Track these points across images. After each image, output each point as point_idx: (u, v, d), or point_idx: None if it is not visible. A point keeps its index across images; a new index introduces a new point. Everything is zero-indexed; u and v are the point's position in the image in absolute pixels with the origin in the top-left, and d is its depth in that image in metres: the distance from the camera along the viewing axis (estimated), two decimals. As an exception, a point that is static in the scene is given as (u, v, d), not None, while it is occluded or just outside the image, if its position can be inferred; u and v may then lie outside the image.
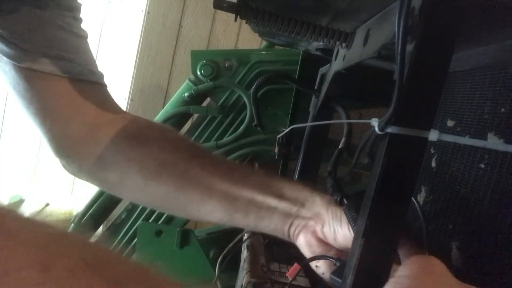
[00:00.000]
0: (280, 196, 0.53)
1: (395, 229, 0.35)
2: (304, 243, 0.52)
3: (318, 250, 0.51)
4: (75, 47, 0.58)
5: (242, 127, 1.36)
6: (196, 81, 1.37)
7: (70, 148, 0.59)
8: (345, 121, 0.61)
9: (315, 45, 0.74)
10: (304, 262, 0.49)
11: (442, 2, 0.33)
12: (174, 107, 1.40)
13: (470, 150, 0.54)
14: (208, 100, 1.43)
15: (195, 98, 1.38)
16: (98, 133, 0.57)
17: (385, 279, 0.35)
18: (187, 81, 1.39)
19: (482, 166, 0.51)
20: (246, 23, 0.56)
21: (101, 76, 0.61)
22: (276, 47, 1.40)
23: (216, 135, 1.39)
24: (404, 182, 0.35)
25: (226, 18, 2.11)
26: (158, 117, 1.41)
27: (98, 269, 0.19)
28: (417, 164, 0.35)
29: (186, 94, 1.37)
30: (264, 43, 1.49)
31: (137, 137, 0.58)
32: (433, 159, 0.64)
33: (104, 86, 0.61)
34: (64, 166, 0.61)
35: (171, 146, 0.58)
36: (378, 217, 0.35)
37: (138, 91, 2.11)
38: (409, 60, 0.33)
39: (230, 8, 0.52)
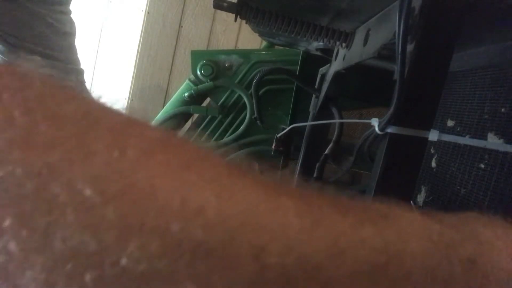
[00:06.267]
0: None
1: (395, 229, 0.35)
2: None
3: None
4: (59, 45, 0.61)
5: (242, 127, 1.36)
6: (196, 81, 1.37)
7: None
8: (345, 121, 0.61)
9: (315, 45, 0.74)
10: None
11: (442, 2, 0.33)
12: (174, 107, 1.40)
13: (470, 150, 0.54)
14: (208, 100, 1.43)
15: (195, 98, 1.38)
16: None
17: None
18: (187, 81, 1.39)
19: (482, 166, 0.51)
20: (246, 23, 0.56)
21: (80, 73, 0.64)
22: (276, 47, 1.40)
23: (216, 135, 1.39)
24: (404, 182, 0.35)
25: (226, 18, 2.11)
26: (158, 117, 1.41)
27: (172, 149, 0.21)
28: (417, 164, 0.35)
29: (186, 94, 1.37)
30: (264, 43, 1.49)
31: None
32: (433, 159, 0.64)
33: (81, 83, 0.65)
34: None
35: None
36: (378, 217, 0.35)
37: (138, 91, 2.11)
38: (409, 60, 0.33)
39: (230, 8, 0.52)
